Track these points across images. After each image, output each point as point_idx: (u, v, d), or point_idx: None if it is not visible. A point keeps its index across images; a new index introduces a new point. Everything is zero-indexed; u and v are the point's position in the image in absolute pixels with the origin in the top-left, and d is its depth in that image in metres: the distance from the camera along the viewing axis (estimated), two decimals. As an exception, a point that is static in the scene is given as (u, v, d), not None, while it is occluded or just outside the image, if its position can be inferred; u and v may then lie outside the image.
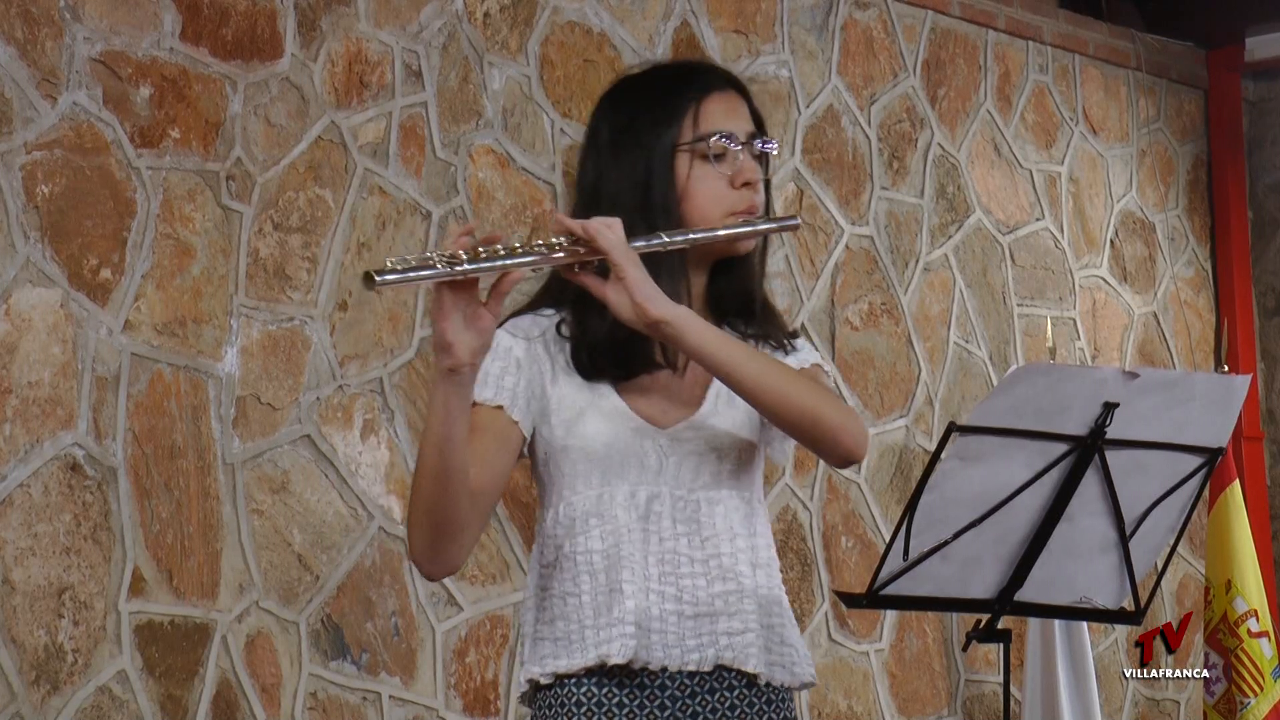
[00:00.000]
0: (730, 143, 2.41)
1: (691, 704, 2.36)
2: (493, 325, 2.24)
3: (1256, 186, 6.59)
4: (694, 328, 2.28)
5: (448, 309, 2.20)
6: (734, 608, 2.37)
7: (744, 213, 2.41)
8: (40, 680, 3.63)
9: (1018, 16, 5.86)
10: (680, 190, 2.40)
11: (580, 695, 2.37)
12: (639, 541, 2.37)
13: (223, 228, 3.98)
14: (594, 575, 2.37)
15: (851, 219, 5.31)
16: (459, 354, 2.21)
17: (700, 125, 2.41)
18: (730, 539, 2.39)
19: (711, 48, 5.00)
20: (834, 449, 2.35)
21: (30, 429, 3.65)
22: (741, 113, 2.45)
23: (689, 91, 2.42)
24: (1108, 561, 2.79)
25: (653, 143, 2.40)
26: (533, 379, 2.42)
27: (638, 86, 2.47)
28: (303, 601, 4.03)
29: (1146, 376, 2.67)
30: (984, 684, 5.46)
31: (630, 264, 2.25)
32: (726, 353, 2.29)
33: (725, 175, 2.41)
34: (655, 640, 2.35)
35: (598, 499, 2.38)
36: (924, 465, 2.87)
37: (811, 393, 2.32)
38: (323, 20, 4.20)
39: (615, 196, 2.40)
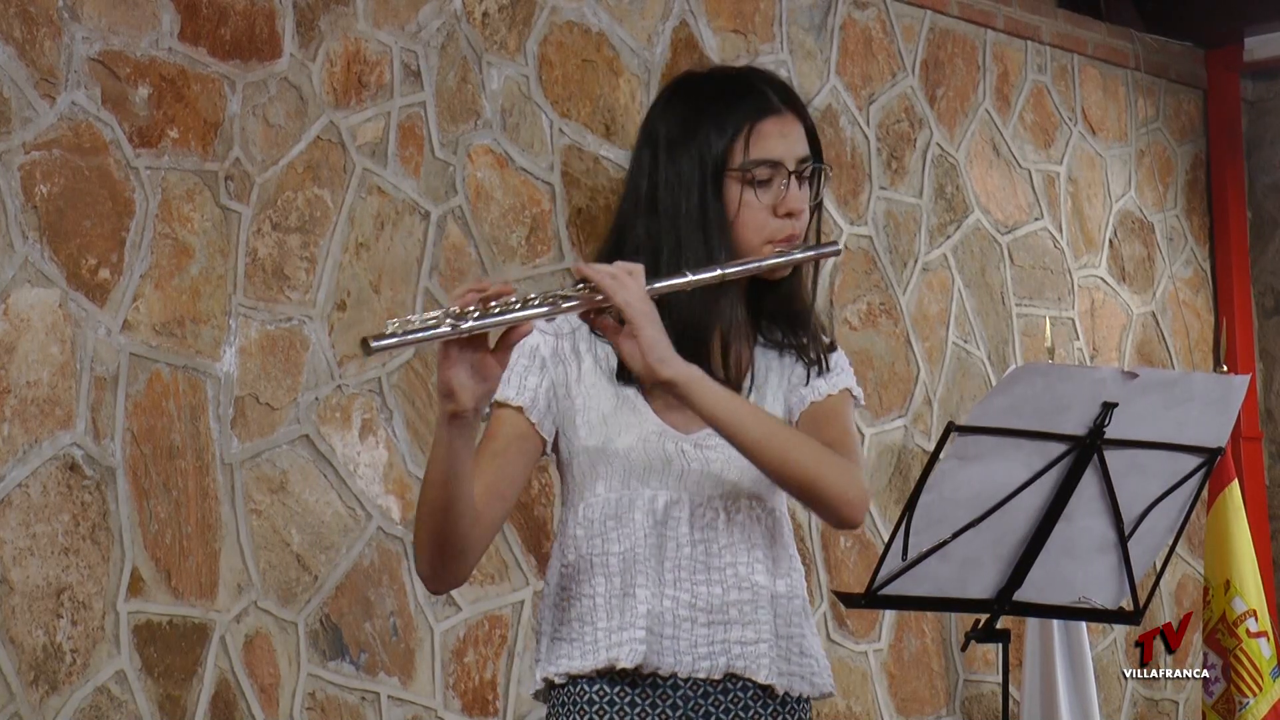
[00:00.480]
0: (776, 170, 2.41)
1: (704, 704, 2.37)
2: (498, 373, 2.24)
3: (1255, 186, 6.59)
4: (702, 390, 2.28)
5: (454, 359, 2.21)
6: (748, 617, 2.38)
7: (783, 242, 2.42)
8: (39, 680, 3.63)
9: (1016, 16, 5.86)
10: (730, 215, 2.40)
11: (592, 694, 2.38)
12: (655, 547, 2.37)
13: (221, 228, 3.98)
14: (609, 578, 2.38)
15: (850, 219, 5.31)
16: (462, 400, 2.22)
17: (751, 151, 2.40)
18: (749, 549, 2.39)
19: (710, 48, 5.00)
20: (833, 516, 2.37)
21: (29, 429, 3.65)
22: (794, 136, 2.44)
23: (741, 110, 2.41)
24: (1106, 561, 2.79)
25: (704, 157, 2.40)
26: (557, 379, 2.42)
27: (697, 93, 2.45)
28: (301, 602, 4.03)
29: (1145, 376, 2.67)
30: (983, 684, 5.46)
31: (646, 322, 2.25)
32: (733, 416, 2.29)
33: (769, 202, 2.41)
34: (667, 646, 2.35)
35: (618, 502, 2.39)
36: (923, 465, 2.87)
37: (813, 459, 2.32)
38: (321, 20, 4.20)
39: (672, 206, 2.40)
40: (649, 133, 2.45)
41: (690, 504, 2.38)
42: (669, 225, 2.39)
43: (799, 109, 2.47)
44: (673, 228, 2.39)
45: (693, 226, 2.37)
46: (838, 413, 2.44)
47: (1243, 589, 5.55)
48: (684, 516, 2.38)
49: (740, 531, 2.39)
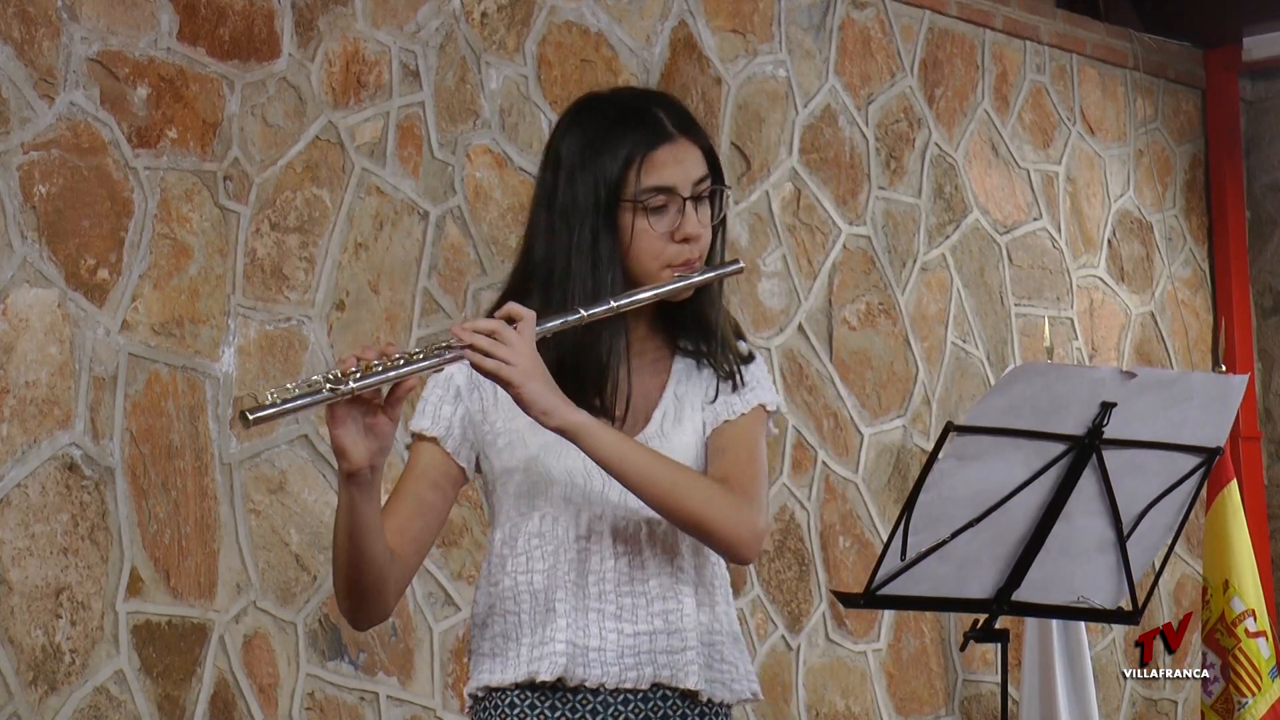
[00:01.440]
0: (670, 197, 2.42)
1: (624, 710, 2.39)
2: (391, 430, 2.29)
3: (1254, 186, 6.59)
4: (589, 436, 2.31)
5: (342, 418, 2.26)
6: (674, 626, 2.40)
7: (681, 266, 2.43)
8: (38, 680, 3.63)
9: (1015, 16, 5.86)
10: (624, 244, 2.42)
11: (514, 698, 2.41)
12: (578, 562, 2.40)
13: (220, 228, 3.98)
14: (534, 595, 2.40)
15: (849, 219, 5.31)
16: (355, 459, 2.28)
17: (643, 179, 2.41)
18: (671, 559, 2.41)
19: (709, 47, 5.00)
20: (723, 552, 2.39)
21: (27, 429, 3.65)
22: (690, 161, 2.44)
23: (634, 140, 2.42)
24: (1105, 561, 2.80)
25: (598, 185, 2.42)
26: (472, 407, 2.46)
27: (594, 119, 2.47)
28: (300, 601, 4.03)
29: (1144, 376, 2.67)
30: (981, 684, 5.46)
31: (524, 380, 2.28)
32: (620, 460, 2.32)
33: (665, 229, 2.42)
34: (594, 658, 2.38)
35: (540, 520, 2.42)
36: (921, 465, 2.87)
37: (701, 502, 2.34)
38: (320, 20, 4.20)
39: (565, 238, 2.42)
40: (551, 155, 2.48)
41: (613, 519, 2.41)
42: (561, 255, 2.42)
43: (695, 133, 2.47)
44: (564, 258, 2.41)
45: (582, 259, 2.40)
46: (745, 437, 2.45)
47: (1241, 589, 5.55)
48: (607, 534, 2.41)
49: (664, 544, 2.41)
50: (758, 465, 2.43)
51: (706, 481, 2.38)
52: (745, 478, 2.40)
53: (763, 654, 4.87)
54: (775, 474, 5.00)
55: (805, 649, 5.00)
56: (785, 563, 4.99)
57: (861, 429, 5.25)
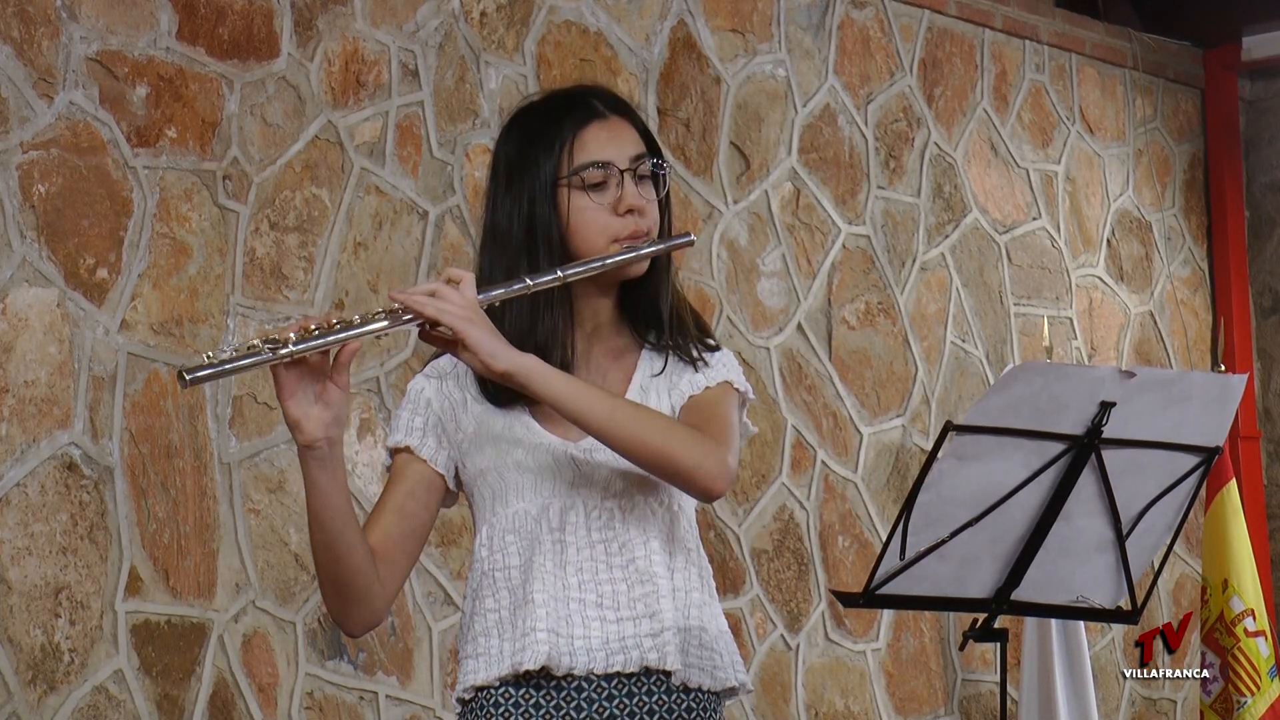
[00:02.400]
0: (607, 171, 2.42)
1: (609, 706, 2.38)
2: (341, 398, 2.28)
3: (1253, 186, 6.59)
4: (540, 376, 2.30)
5: (290, 387, 2.26)
6: (652, 609, 2.39)
7: (628, 238, 2.43)
8: (37, 680, 3.63)
9: (1014, 16, 5.87)
10: (564, 224, 2.42)
11: (498, 696, 2.40)
12: (553, 553, 2.40)
13: (219, 227, 3.98)
14: (512, 590, 2.41)
15: (848, 218, 5.31)
16: (309, 430, 2.27)
17: (576, 157, 2.42)
18: (644, 543, 2.41)
19: (708, 47, 5.01)
20: (690, 486, 2.37)
21: (27, 428, 3.65)
22: (624, 138, 2.45)
23: (566, 124, 2.44)
24: (1104, 561, 2.79)
25: (535, 178, 2.43)
26: (444, 415, 2.46)
27: (527, 118, 2.49)
28: (299, 601, 4.03)
29: (1143, 376, 2.67)
30: (981, 683, 5.46)
31: (468, 325, 2.27)
32: (574, 399, 2.31)
33: (607, 203, 2.42)
34: (579, 646, 2.38)
35: (514, 516, 2.42)
36: (921, 464, 2.87)
37: (664, 433, 2.33)
38: (319, 20, 4.20)
39: (506, 232, 2.44)
40: (492, 166, 2.50)
41: (585, 508, 2.41)
42: (500, 253, 2.43)
43: (627, 113, 2.49)
44: (503, 254, 2.43)
45: (518, 248, 2.42)
46: (715, 401, 2.44)
47: (1240, 588, 5.55)
48: (580, 521, 2.41)
49: (637, 528, 2.41)
50: (726, 421, 2.41)
51: (668, 418, 2.38)
52: (712, 429, 2.39)
53: (762, 653, 4.87)
54: (775, 473, 5.00)
55: (804, 648, 5.00)
56: (784, 562, 4.99)
57: (861, 428, 5.25)
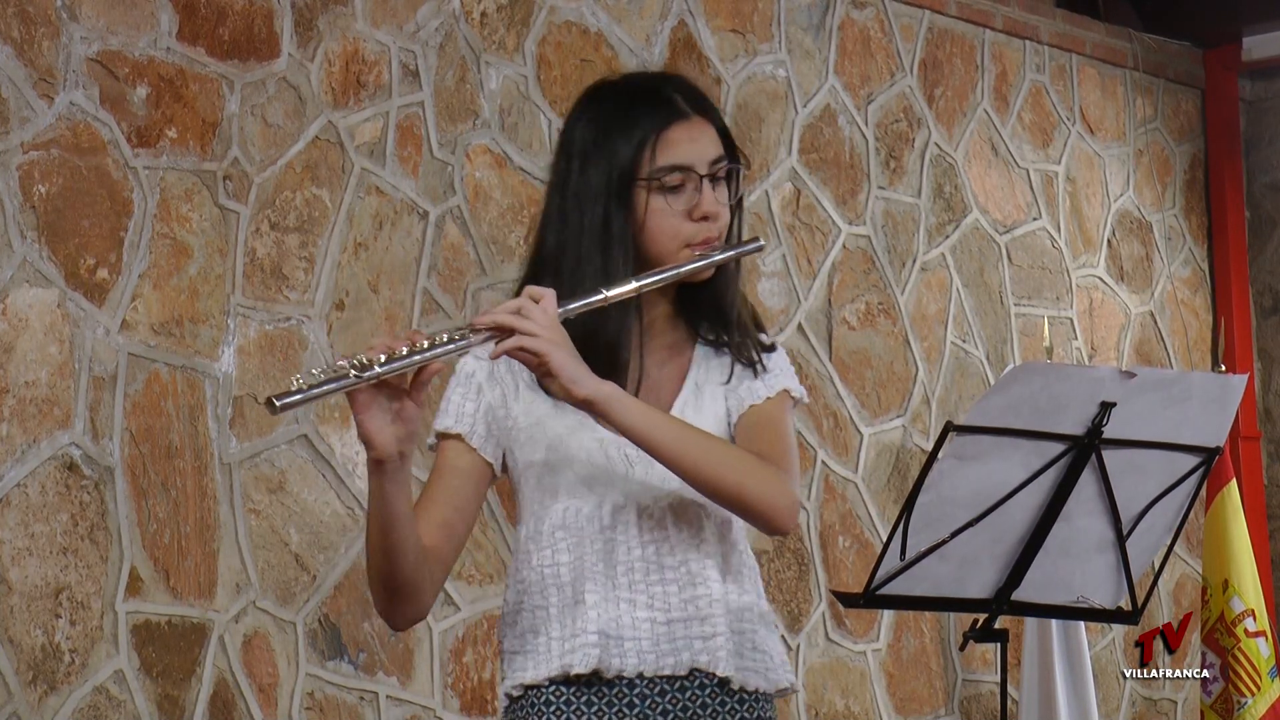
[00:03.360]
0: (686, 175, 2.40)
1: (661, 702, 2.38)
2: (417, 415, 2.26)
3: (1253, 186, 6.59)
4: (619, 405, 2.30)
5: (367, 406, 2.24)
6: (704, 612, 2.39)
7: (700, 245, 2.41)
8: (37, 680, 3.63)
9: (1015, 16, 5.87)
10: (638, 224, 2.41)
11: (549, 694, 2.39)
12: (605, 553, 2.39)
13: (220, 227, 3.98)
14: (560, 588, 2.39)
15: (848, 219, 5.31)
16: (382, 445, 2.25)
17: (657, 159, 2.40)
18: (697, 545, 2.40)
19: (708, 47, 5.00)
20: (761, 524, 2.38)
21: (27, 429, 3.65)
22: (704, 140, 2.43)
23: (650, 121, 2.42)
24: (1104, 561, 2.79)
25: (611, 169, 2.41)
26: (494, 401, 2.44)
27: (608, 103, 2.47)
28: (300, 601, 4.03)
29: (1143, 376, 2.67)
30: (981, 684, 5.46)
31: (552, 348, 2.26)
32: (652, 431, 2.31)
33: (682, 208, 2.41)
34: (629, 648, 2.37)
35: (564, 512, 2.41)
36: (921, 465, 2.87)
37: (735, 469, 2.32)
38: (320, 20, 4.20)
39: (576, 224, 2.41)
40: (564, 141, 2.48)
41: (637, 508, 2.40)
42: (572, 240, 2.41)
43: (709, 112, 2.46)
44: (575, 243, 2.41)
45: (592, 242, 2.39)
46: (773, 418, 2.43)
47: (1241, 588, 5.55)
48: (632, 520, 2.40)
49: (689, 530, 2.40)
50: (787, 443, 2.41)
51: (740, 451, 2.36)
52: (776, 453, 2.39)
53: (762, 654, 4.87)
54: (775, 474, 5.00)
55: (805, 649, 5.00)
56: (785, 562, 4.99)
57: (861, 429, 5.25)
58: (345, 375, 2.20)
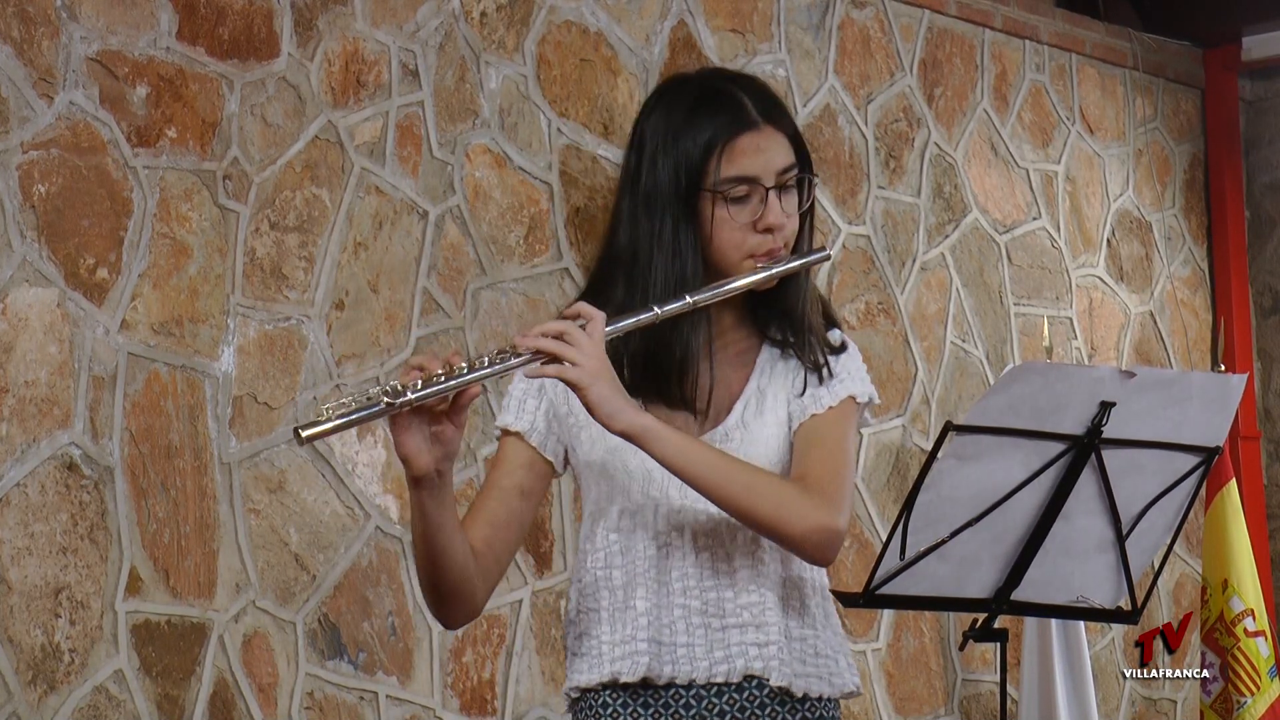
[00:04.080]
0: (753, 187, 2.37)
1: (715, 707, 2.36)
2: (457, 436, 2.26)
3: (1253, 186, 6.59)
4: (655, 438, 2.28)
5: (405, 426, 2.24)
6: (759, 619, 2.37)
7: (764, 257, 2.39)
8: (37, 680, 3.62)
9: (1014, 16, 5.86)
10: (705, 236, 2.38)
11: (605, 697, 2.39)
12: (658, 558, 2.38)
13: (219, 227, 3.98)
14: (613, 592, 2.39)
15: (848, 218, 5.31)
16: (420, 465, 2.25)
17: (724, 169, 2.37)
18: (753, 552, 2.38)
19: (708, 47, 5.00)
20: (800, 554, 2.36)
21: (27, 428, 3.65)
22: (773, 149, 2.39)
23: (719, 127, 2.38)
24: (1104, 561, 2.79)
25: (682, 173, 2.38)
26: (556, 399, 2.44)
27: (681, 100, 2.42)
28: (300, 601, 4.03)
29: (1143, 376, 2.67)
30: (981, 683, 5.46)
31: (591, 381, 2.25)
32: (689, 464, 2.29)
33: (748, 219, 2.38)
34: (682, 654, 2.36)
35: (619, 515, 2.41)
36: (921, 464, 2.87)
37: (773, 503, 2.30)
38: (319, 20, 4.20)
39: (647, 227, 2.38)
40: (637, 136, 2.44)
41: (694, 515, 2.38)
42: (644, 244, 2.39)
43: (779, 120, 2.42)
44: (647, 248, 2.39)
45: (663, 249, 2.37)
46: (830, 433, 2.40)
47: (1240, 588, 5.55)
48: (687, 527, 2.38)
49: (745, 535, 2.38)
50: (842, 462, 2.37)
51: (779, 482, 2.34)
52: (826, 475, 2.35)
53: (762, 653, 4.87)
54: (774, 473, 5.00)
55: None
56: (784, 562, 4.98)
57: (861, 428, 5.25)
58: (378, 403, 2.18)
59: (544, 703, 4.40)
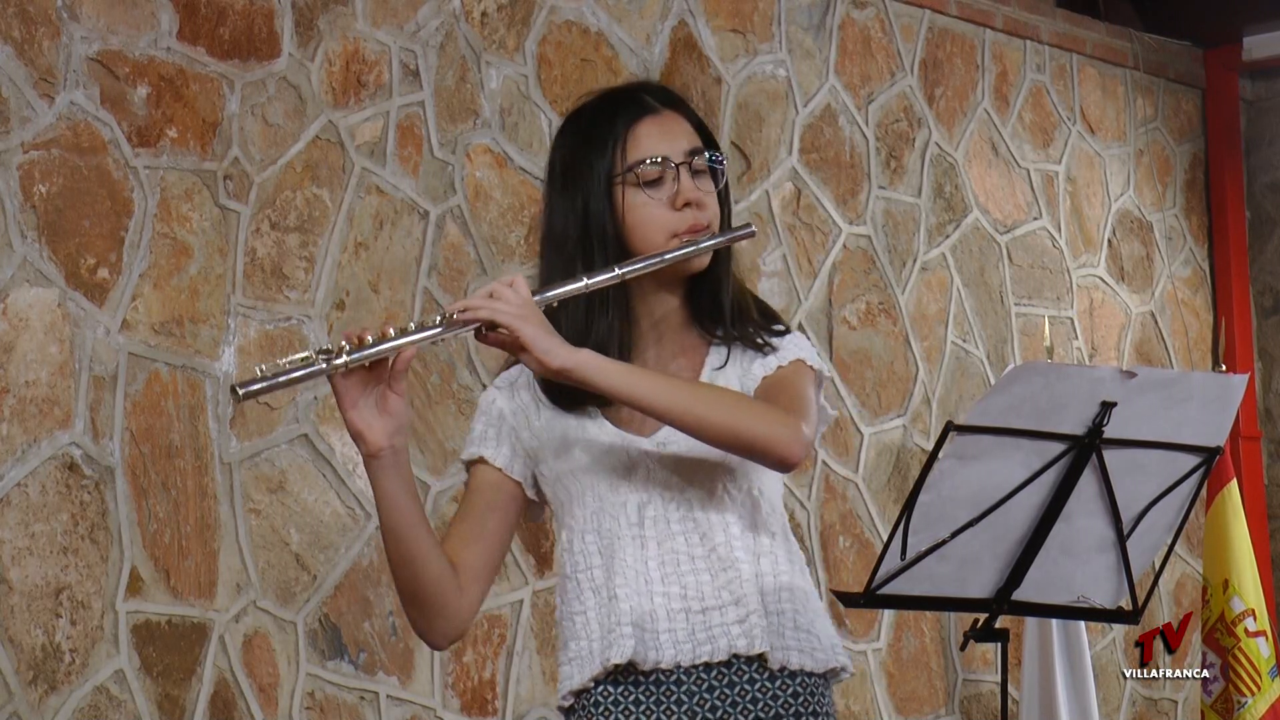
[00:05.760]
0: (663, 166, 2.41)
1: (710, 698, 2.37)
2: (403, 406, 2.28)
3: (1254, 186, 6.59)
4: (596, 369, 2.28)
5: (351, 398, 2.26)
6: (737, 595, 2.38)
7: (687, 233, 2.41)
8: (37, 680, 3.63)
9: (1015, 16, 5.87)
10: (620, 221, 2.41)
11: (598, 695, 2.39)
12: (634, 548, 2.39)
13: (220, 227, 3.98)
14: (596, 590, 2.40)
15: (849, 218, 5.31)
16: (373, 440, 2.27)
17: (629, 154, 2.41)
18: (724, 529, 2.40)
19: (709, 47, 5.00)
20: (764, 457, 2.34)
21: (27, 428, 3.65)
22: (678, 131, 2.44)
23: (618, 121, 2.43)
24: (1105, 561, 2.79)
25: (589, 177, 2.42)
26: (518, 424, 2.46)
27: (579, 119, 2.48)
28: (300, 601, 4.03)
29: (1144, 376, 2.67)
30: (981, 683, 5.46)
31: (522, 323, 2.26)
32: (635, 387, 2.29)
33: (664, 198, 2.41)
34: (665, 639, 2.37)
35: (592, 516, 2.42)
36: (921, 465, 2.87)
37: (731, 407, 2.31)
38: (320, 20, 4.20)
39: (562, 234, 2.43)
40: (548, 170, 2.49)
41: (662, 501, 2.40)
42: (557, 255, 2.42)
43: (680, 106, 2.47)
44: (560, 255, 2.42)
45: (574, 249, 2.41)
46: (788, 379, 2.42)
47: (1241, 588, 5.55)
48: (659, 515, 2.40)
49: (716, 517, 2.40)
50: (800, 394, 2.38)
51: (733, 391, 2.36)
52: (784, 399, 2.37)
53: (763, 653, 4.87)
54: (775, 473, 5.00)
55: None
56: (785, 562, 4.98)
57: (861, 428, 5.25)
58: (313, 363, 2.21)
59: (544, 703, 4.40)
